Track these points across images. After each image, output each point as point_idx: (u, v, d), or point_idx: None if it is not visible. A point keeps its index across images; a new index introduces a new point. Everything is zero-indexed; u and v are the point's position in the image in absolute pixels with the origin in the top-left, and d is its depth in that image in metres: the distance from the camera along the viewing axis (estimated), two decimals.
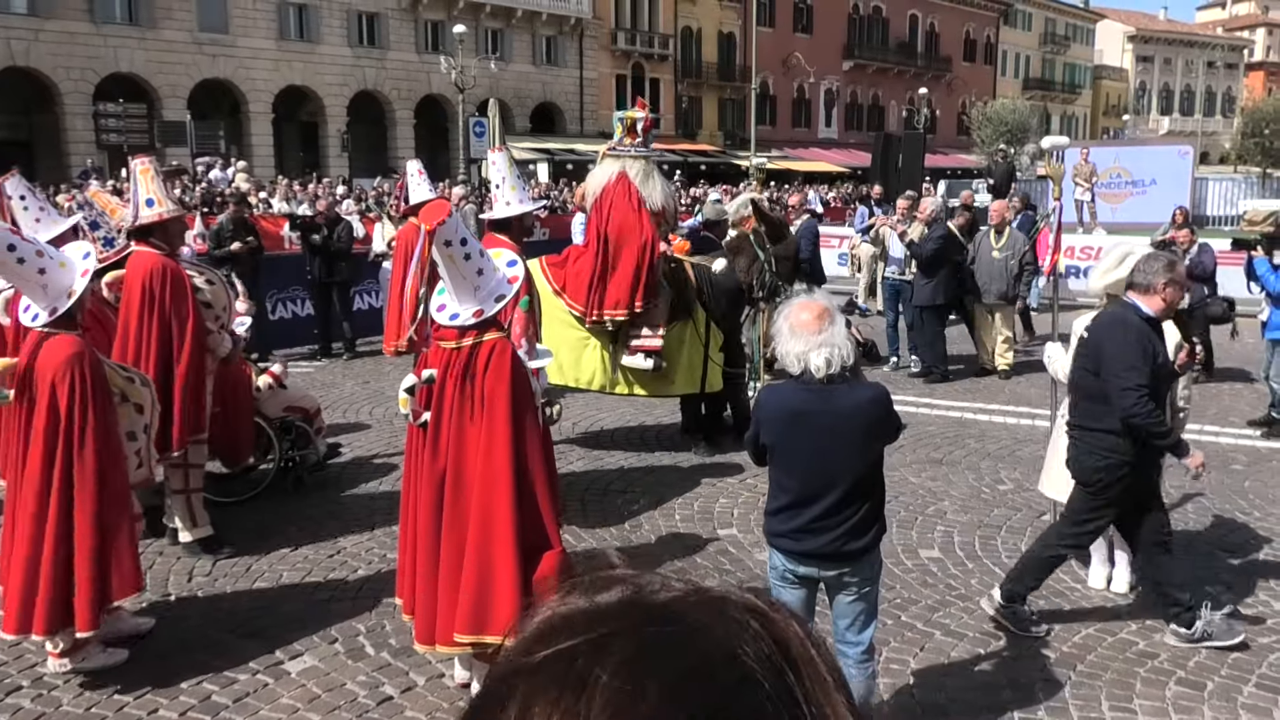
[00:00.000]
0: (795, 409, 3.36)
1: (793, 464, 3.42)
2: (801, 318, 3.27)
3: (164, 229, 5.49)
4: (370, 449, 7.86)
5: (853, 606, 3.48)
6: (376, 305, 12.48)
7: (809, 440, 3.34)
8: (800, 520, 3.38)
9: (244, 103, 34.03)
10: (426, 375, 3.93)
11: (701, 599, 0.61)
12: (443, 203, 4.07)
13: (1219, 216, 26.10)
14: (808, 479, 3.38)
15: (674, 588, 0.62)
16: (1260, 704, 4.04)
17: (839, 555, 3.38)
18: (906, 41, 56.91)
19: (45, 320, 4.21)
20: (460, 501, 3.77)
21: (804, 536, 3.39)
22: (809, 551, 3.40)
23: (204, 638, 4.66)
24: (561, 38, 42.01)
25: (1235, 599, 5.01)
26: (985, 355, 10.71)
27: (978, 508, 6.44)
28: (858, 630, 3.49)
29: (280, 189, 20.53)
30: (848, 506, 3.35)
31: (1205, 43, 77.53)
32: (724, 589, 0.62)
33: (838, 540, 3.36)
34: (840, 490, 3.33)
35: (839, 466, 3.34)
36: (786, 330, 3.30)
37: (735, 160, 42.49)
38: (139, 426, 4.66)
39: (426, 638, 3.89)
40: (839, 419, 3.30)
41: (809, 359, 3.24)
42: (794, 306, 3.36)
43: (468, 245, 3.78)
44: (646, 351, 7.21)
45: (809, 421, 3.33)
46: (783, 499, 3.45)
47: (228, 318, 5.94)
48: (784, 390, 3.46)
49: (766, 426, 3.47)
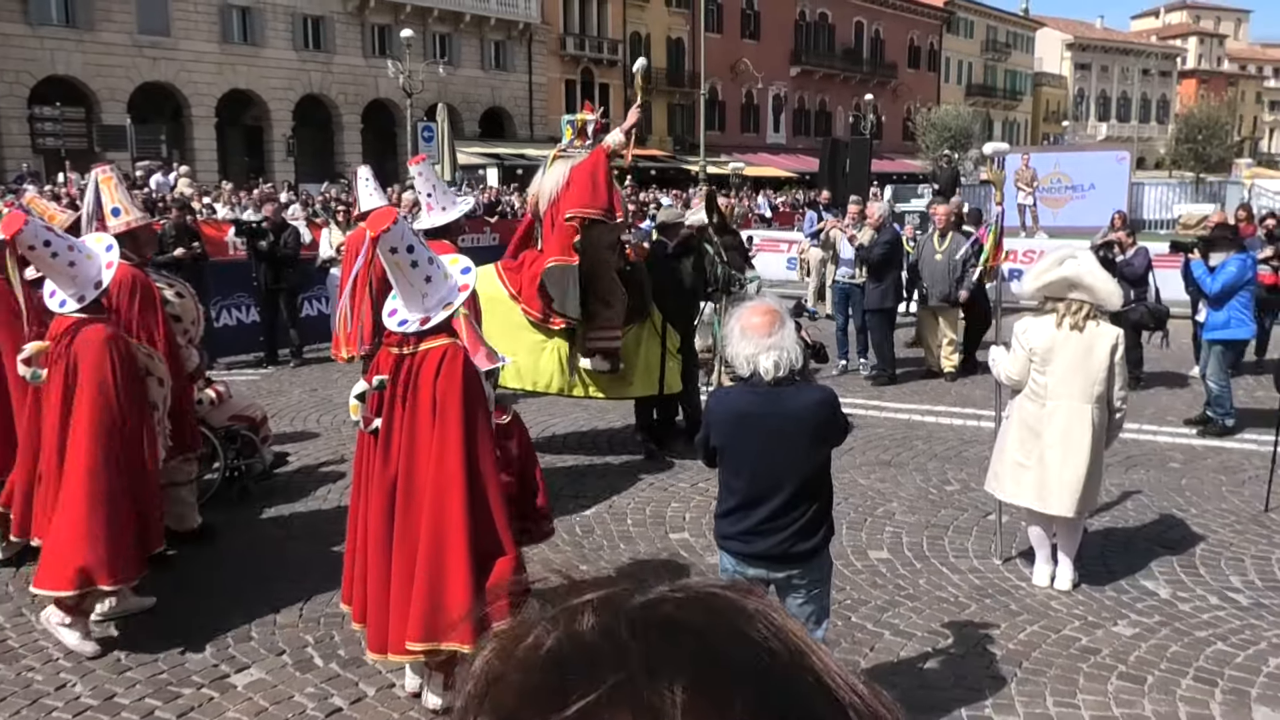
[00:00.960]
0: (743, 411, 3.40)
1: (741, 466, 3.45)
2: (752, 321, 3.32)
3: (133, 238, 5.38)
4: (318, 457, 7.76)
5: (803, 609, 3.51)
6: (325, 311, 12.33)
7: (756, 442, 3.38)
8: (749, 522, 3.41)
9: (186, 106, 33.41)
10: (377, 381, 3.90)
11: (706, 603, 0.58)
12: (390, 210, 4.05)
13: (1155, 220, 26.75)
14: (755, 480, 3.41)
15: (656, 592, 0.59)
16: (1198, 695, 4.15)
17: (787, 557, 3.42)
18: (852, 48, 57.61)
19: (75, 307, 4.58)
20: (412, 508, 3.74)
21: (753, 538, 3.42)
22: (758, 553, 3.44)
23: (146, 651, 4.56)
24: (510, 43, 41.88)
25: (1172, 594, 5.15)
26: (931, 358, 10.88)
27: (925, 508, 6.54)
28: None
29: (224, 194, 20.21)
30: (795, 508, 3.39)
31: (1140, 51, 79.46)
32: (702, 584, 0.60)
33: (786, 542, 3.39)
34: (788, 492, 3.37)
35: (786, 468, 3.37)
36: (737, 332, 3.33)
37: (685, 165, 42.64)
38: (159, 398, 5.03)
39: (378, 646, 3.85)
40: (786, 421, 3.33)
41: (758, 361, 3.28)
42: (745, 310, 3.40)
43: (415, 252, 3.75)
44: (604, 353, 7.22)
45: (756, 424, 3.36)
46: (731, 501, 3.48)
47: (196, 332, 5.85)
48: (733, 393, 3.51)
49: (716, 429, 3.50)
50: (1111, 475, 6.99)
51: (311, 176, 31.93)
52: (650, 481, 7.11)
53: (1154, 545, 5.84)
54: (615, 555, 5.76)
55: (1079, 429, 4.97)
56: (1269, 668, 4.37)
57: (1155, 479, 7.10)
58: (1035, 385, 5.07)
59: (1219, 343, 8.30)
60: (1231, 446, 7.94)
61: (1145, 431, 8.32)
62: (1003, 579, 5.40)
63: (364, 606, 3.96)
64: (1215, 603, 5.06)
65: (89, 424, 4.48)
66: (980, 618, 4.90)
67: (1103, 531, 6.03)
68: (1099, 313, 4.95)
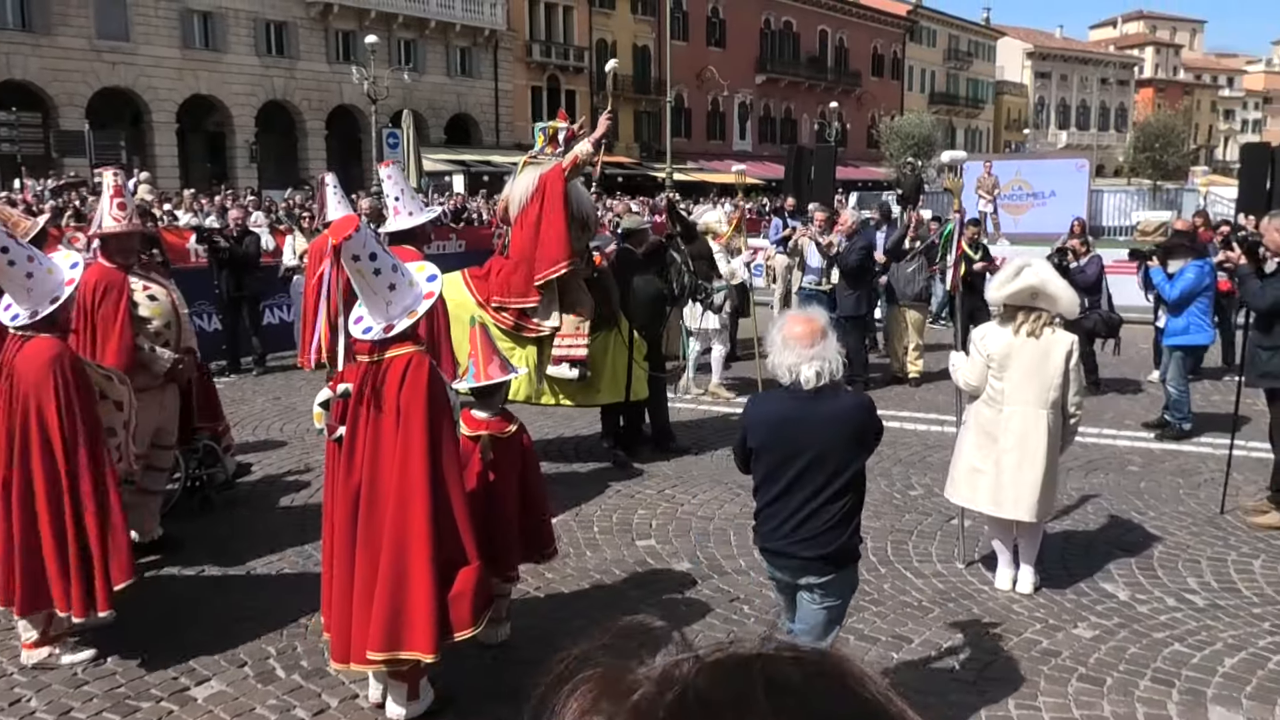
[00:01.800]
0: (783, 415, 3.50)
1: (778, 469, 3.51)
2: (795, 331, 3.43)
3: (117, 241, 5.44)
4: (282, 466, 7.68)
5: (822, 612, 3.56)
6: (288, 319, 12.21)
7: (794, 445, 3.47)
8: (785, 524, 3.50)
9: (146, 112, 33.00)
10: (341, 389, 3.88)
11: (820, 665, 0.61)
12: (351, 217, 4.02)
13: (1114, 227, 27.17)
14: (793, 484, 3.48)
15: (769, 648, 0.62)
16: (1155, 696, 4.21)
17: (818, 559, 3.48)
18: (817, 56, 58.06)
19: (24, 321, 4.35)
20: (375, 517, 3.72)
21: (786, 540, 3.50)
22: (790, 554, 3.51)
23: (104, 664, 4.49)
24: (476, 49, 41.78)
25: (1130, 596, 5.22)
26: (897, 363, 10.98)
27: (890, 514, 6.58)
28: (815, 638, 3.50)
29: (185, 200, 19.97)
30: (830, 510, 3.46)
31: (1099, 60, 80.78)
32: (807, 647, 0.64)
33: (817, 543, 3.46)
34: (825, 495, 3.45)
35: (824, 471, 3.45)
36: (780, 342, 3.44)
37: (651, 172, 42.73)
38: (118, 423, 4.78)
39: (341, 656, 3.82)
40: (826, 425, 3.44)
41: (800, 370, 3.38)
42: (788, 320, 3.51)
43: (377, 260, 3.72)
44: (571, 361, 7.20)
45: (796, 427, 3.46)
46: (766, 504, 3.56)
47: (172, 334, 5.77)
48: (772, 398, 3.63)
49: (754, 432, 3.58)
50: (1072, 479, 7.10)
51: (275, 183, 31.63)
52: (617, 489, 7.11)
53: (1113, 548, 5.92)
54: (582, 563, 5.75)
55: (1035, 434, 5.04)
56: (1224, 668, 4.45)
57: (1114, 482, 7.21)
58: (992, 391, 5.14)
59: (1179, 348, 8.44)
60: (1188, 450, 8.08)
61: (1105, 435, 8.44)
62: (965, 583, 5.45)
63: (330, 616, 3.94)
64: (1172, 604, 5.14)
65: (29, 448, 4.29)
66: (943, 621, 4.95)
67: (1063, 535, 6.10)
68: (1055, 320, 5.03)
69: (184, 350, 5.87)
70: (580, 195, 7.32)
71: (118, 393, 4.82)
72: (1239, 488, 6.87)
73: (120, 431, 4.82)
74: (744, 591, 5.31)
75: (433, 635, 3.64)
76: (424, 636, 3.64)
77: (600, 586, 5.44)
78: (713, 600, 5.21)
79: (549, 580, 5.46)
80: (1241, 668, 4.45)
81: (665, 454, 7.94)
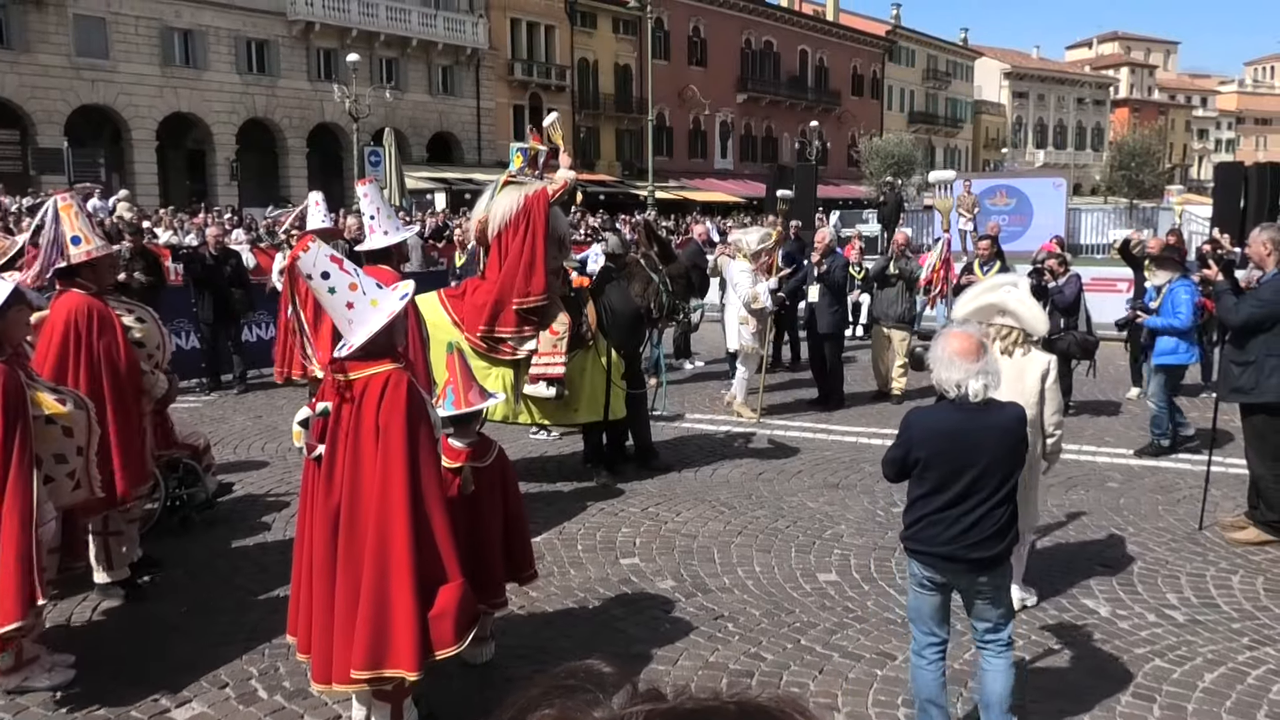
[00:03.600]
0: (952, 428, 3.67)
1: (949, 478, 3.66)
2: (958, 347, 3.62)
3: (93, 267, 5.24)
4: (263, 486, 7.63)
5: (988, 609, 3.76)
6: (266, 337, 12.16)
7: (967, 455, 3.64)
8: (954, 529, 3.65)
9: (126, 130, 32.86)
10: (320, 408, 3.85)
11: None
12: (304, 237, 3.99)
13: (1091, 245, 27.47)
14: (964, 492, 3.64)
15: (708, 705, 0.62)
16: (1137, 712, 4.24)
17: (976, 561, 3.66)
18: (797, 76, 58.52)
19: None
20: (356, 536, 3.70)
21: (955, 544, 3.65)
22: (959, 556, 3.66)
23: (85, 686, 4.43)
24: (458, 68, 41.88)
25: (1111, 612, 5.26)
26: (880, 379, 11.06)
27: (873, 530, 6.61)
28: (996, 632, 3.78)
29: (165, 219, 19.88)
30: (997, 514, 3.66)
31: (1075, 80, 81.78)
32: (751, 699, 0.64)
33: (985, 544, 3.65)
34: (994, 500, 3.65)
35: (994, 477, 3.65)
36: (944, 359, 3.62)
37: (633, 190, 42.86)
38: (70, 449, 4.56)
39: (323, 676, 3.78)
40: (994, 434, 3.65)
41: (968, 385, 3.59)
42: (948, 337, 3.69)
43: (330, 279, 3.68)
44: (549, 380, 7.20)
45: (968, 438, 3.64)
46: (932, 511, 3.69)
47: (161, 356, 5.72)
48: (938, 411, 3.78)
49: (920, 444, 3.72)
50: (1053, 495, 7.14)
51: (256, 201, 31.52)
52: (600, 507, 7.10)
53: (1094, 564, 5.96)
54: (565, 581, 5.74)
55: None
56: (1204, 682, 4.48)
57: (1095, 499, 7.26)
58: None
59: (1164, 368, 8.48)
60: (1167, 466, 8.15)
61: (1085, 452, 8.51)
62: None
63: (309, 637, 3.90)
64: (1153, 620, 5.17)
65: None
66: None
67: (1046, 551, 6.14)
68: (1029, 340, 5.04)
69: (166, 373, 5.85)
70: (557, 216, 7.35)
71: (70, 419, 4.56)
72: (1217, 504, 6.94)
73: (74, 458, 4.59)
74: (728, 609, 5.31)
75: (416, 653, 3.62)
76: (407, 654, 3.62)
77: (584, 605, 5.43)
78: (696, 618, 5.20)
79: (533, 599, 5.44)
80: (1221, 682, 4.48)
81: (649, 472, 7.94)
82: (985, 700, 3.80)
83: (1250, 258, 6.56)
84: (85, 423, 4.65)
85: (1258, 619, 5.19)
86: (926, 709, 3.80)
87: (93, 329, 5.13)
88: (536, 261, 7.04)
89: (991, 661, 3.78)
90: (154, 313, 5.96)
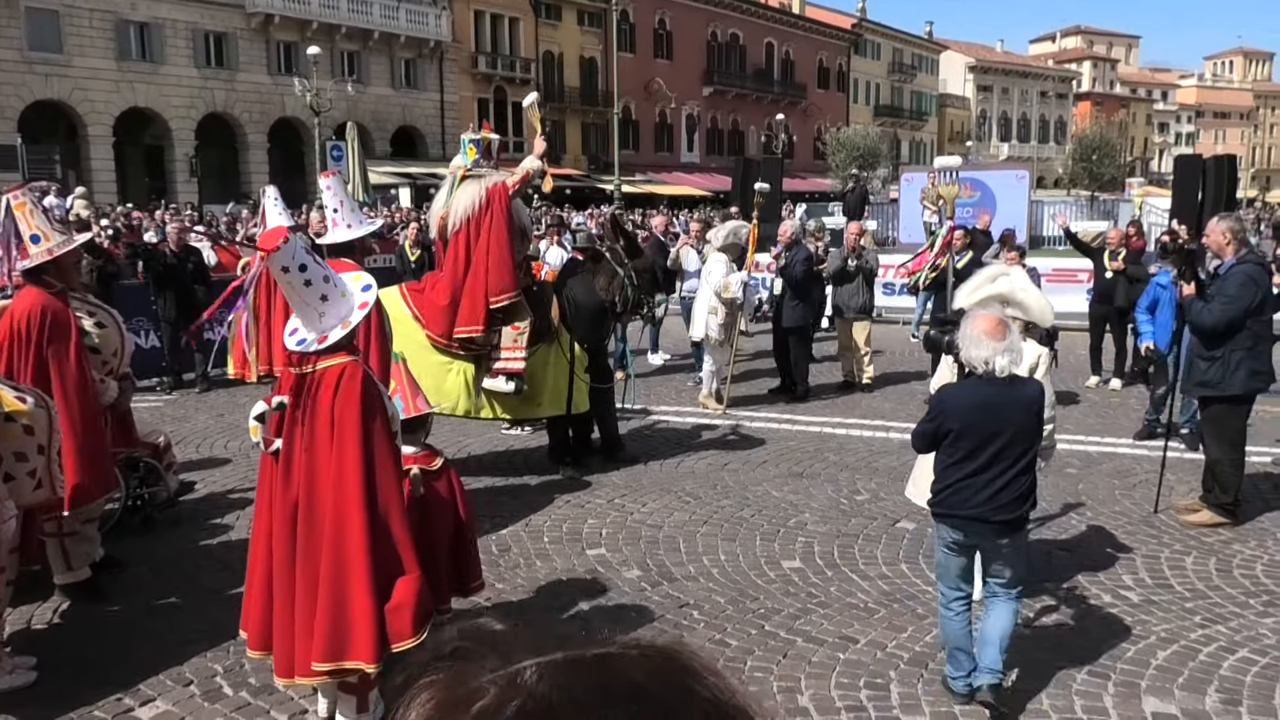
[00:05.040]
0: (985, 399, 3.99)
1: (979, 447, 3.98)
2: (984, 327, 3.96)
3: (57, 265, 5.15)
4: (226, 484, 7.58)
5: (1005, 570, 4.13)
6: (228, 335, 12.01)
7: (996, 425, 3.97)
8: (984, 493, 3.98)
9: (82, 125, 32.35)
10: (276, 402, 3.84)
11: (659, 663, 0.60)
12: (279, 229, 3.97)
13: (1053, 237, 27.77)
14: (993, 459, 3.97)
15: (607, 649, 0.61)
16: (1092, 689, 4.33)
17: (1001, 523, 4.01)
18: (763, 69, 58.68)
19: None
20: (313, 530, 3.69)
21: (984, 507, 3.98)
22: (986, 518, 3.99)
23: (46, 687, 4.39)
24: (421, 61, 41.59)
25: (1068, 593, 5.36)
26: (847, 369, 11.15)
27: (836, 518, 6.68)
28: (1009, 588, 4.17)
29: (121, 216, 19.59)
30: (1021, 478, 4.02)
31: (1038, 74, 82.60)
32: (650, 644, 0.62)
33: (1011, 507, 4.00)
34: (1020, 465, 4.01)
35: (1018, 446, 4.00)
36: (972, 338, 3.97)
37: (599, 184, 42.83)
38: (30, 447, 4.51)
39: (285, 670, 3.78)
40: (1020, 406, 4.00)
41: (995, 361, 3.92)
42: (975, 319, 4.04)
43: (307, 271, 3.68)
44: (508, 374, 7.18)
45: (997, 410, 3.97)
46: (962, 478, 4.01)
47: (118, 363, 5.64)
48: (966, 386, 4.10)
49: (953, 416, 4.04)
50: None
51: (217, 197, 31.17)
52: (567, 499, 7.12)
53: (1052, 547, 6.07)
54: (532, 572, 5.75)
55: None
56: (1157, 660, 4.58)
57: (1054, 484, 7.37)
58: None
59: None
60: (1124, 452, 8.29)
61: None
62: (910, 584, 5.55)
63: (263, 633, 3.89)
64: (1109, 600, 5.28)
65: None
66: (889, 622, 5.03)
67: None
68: (1026, 331, 5.08)
69: (121, 376, 5.78)
70: (518, 208, 7.33)
71: (30, 417, 4.51)
72: (1172, 488, 7.08)
73: (35, 456, 4.54)
74: (693, 597, 5.35)
75: (374, 645, 3.63)
76: (365, 646, 3.62)
77: (550, 596, 5.45)
78: (662, 606, 5.24)
79: (500, 590, 5.46)
80: (1173, 660, 4.59)
81: (615, 464, 7.96)
82: (986, 637, 4.15)
83: (1209, 248, 6.66)
84: (46, 421, 4.60)
85: (1210, 598, 5.31)
86: (955, 655, 4.19)
87: (44, 332, 5.02)
88: (504, 258, 6.99)
89: (1000, 604, 4.17)
90: (117, 315, 5.89)
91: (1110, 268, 10.85)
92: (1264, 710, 4.15)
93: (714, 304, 9.73)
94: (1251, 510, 6.69)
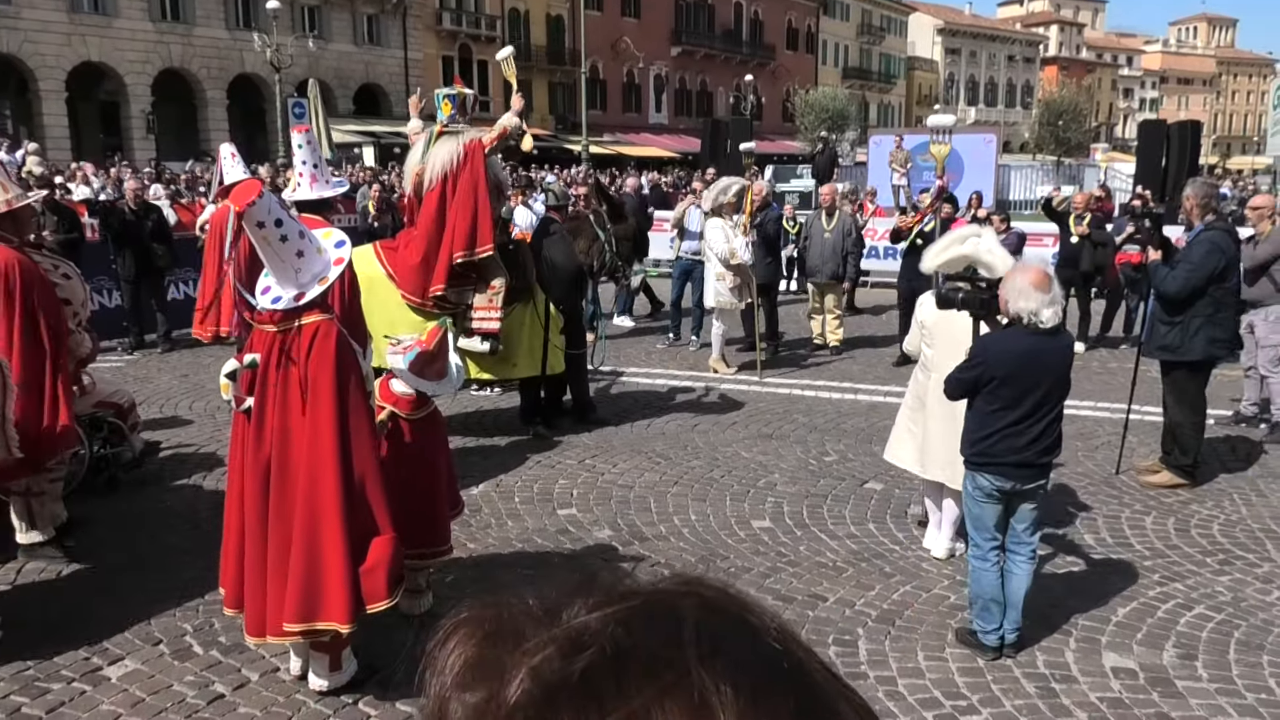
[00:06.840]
0: (1029, 349, 4.13)
1: (1022, 395, 4.13)
2: (1030, 280, 4.10)
3: (14, 219, 5.03)
4: (192, 444, 7.50)
5: (1033, 512, 4.32)
6: (193, 295, 11.84)
7: (1038, 374, 4.13)
8: (1023, 439, 4.14)
9: (32, 80, 31.46)
10: (248, 360, 3.79)
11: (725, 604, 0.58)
12: (253, 182, 3.90)
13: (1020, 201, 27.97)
14: (1035, 407, 4.14)
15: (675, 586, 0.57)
16: (1054, 645, 4.43)
17: (1041, 466, 4.22)
18: (732, 29, 58.22)
19: None
20: (286, 489, 3.66)
21: (1026, 452, 4.14)
22: (1024, 464, 4.16)
23: (10, 646, 4.34)
24: (384, 17, 40.82)
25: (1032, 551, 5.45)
26: (817, 332, 11.20)
27: (805, 479, 6.74)
28: (1031, 533, 4.36)
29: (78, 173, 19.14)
30: (1055, 426, 4.21)
31: (1006, 37, 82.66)
32: (710, 585, 0.59)
33: (1047, 453, 4.21)
34: (1055, 413, 4.20)
35: (1056, 393, 4.19)
36: (1016, 290, 4.10)
37: (567, 145, 42.44)
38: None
39: (257, 629, 3.77)
40: (1061, 355, 4.20)
41: (1041, 313, 4.07)
42: (1020, 272, 4.19)
43: (283, 226, 3.62)
44: (483, 334, 7.15)
45: (1040, 359, 4.14)
46: (1003, 425, 4.16)
47: (85, 314, 5.54)
48: (1012, 335, 4.20)
49: (998, 364, 4.16)
50: None
51: (175, 154, 30.47)
52: (538, 460, 7.12)
53: None
54: (503, 532, 5.77)
55: (959, 403, 5.17)
56: (1117, 617, 4.69)
57: None
58: (925, 358, 5.32)
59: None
60: (1086, 415, 8.42)
61: None
62: (877, 543, 5.62)
63: (239, 591, 3.87)
64: (1071, 559, 5.39)
65: None
66: (857, 580, 5.11)
67: None
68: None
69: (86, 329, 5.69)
70: (493, 164, 7.25)
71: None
72: (1133, 449, 7.21)
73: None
74: (664, 556, 5.39)
75: (348, 605, 3.62)
76: (339, 607, 3.62)
77: (522, 555, 5.46)
78: (633, 566, 5.28)
79: (471, 550, 5.47)
80: (1132, 616, 4.70)
81: (586, 425, 7.97)
82: (1011, 600, 4.32)
83: (1185, 214, 6.72)
84: (3, 383, 4.51)
85: (1168, 556, 5.43)
86: (990, 608, 4.30)
87: (31, 286, 4.94)
88: (482, 213, 6.91)
89: (1020, 565, 4.34)
90: (77, 269, 5.78)
91: (1076, 232, 10.96)
92: (1218, 664, 4.27)
93: (720, 270, 9.65)
94: (1209, 472, 6.84)
